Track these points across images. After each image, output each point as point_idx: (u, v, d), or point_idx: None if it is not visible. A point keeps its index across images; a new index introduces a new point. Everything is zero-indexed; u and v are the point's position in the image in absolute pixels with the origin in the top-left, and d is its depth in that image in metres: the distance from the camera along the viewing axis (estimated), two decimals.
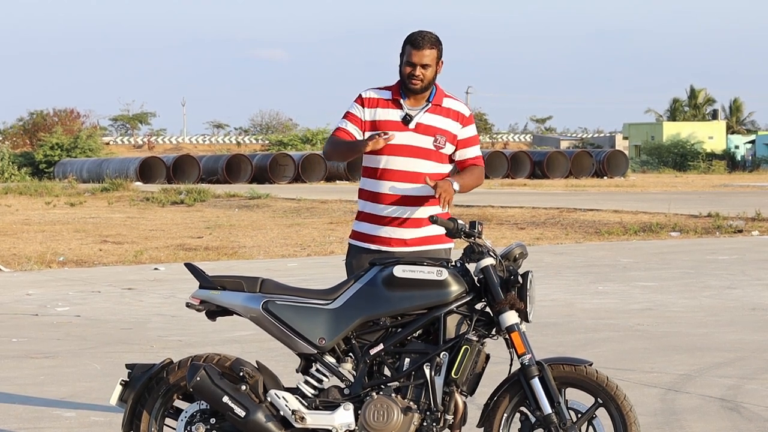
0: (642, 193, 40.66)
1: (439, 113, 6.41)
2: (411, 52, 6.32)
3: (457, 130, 6.43)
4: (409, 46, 6.34)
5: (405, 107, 6.40)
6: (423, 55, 6.31)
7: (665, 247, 20.62)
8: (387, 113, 6.41)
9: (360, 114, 6.44)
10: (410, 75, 6.33)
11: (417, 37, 6.33)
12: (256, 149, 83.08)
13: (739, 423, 7.72)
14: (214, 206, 34.57)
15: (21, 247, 21.43)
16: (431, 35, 6.36)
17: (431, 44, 6.33)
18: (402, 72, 6.38)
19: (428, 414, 5.72)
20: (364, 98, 6.45)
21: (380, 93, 6.46)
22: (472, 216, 27.69)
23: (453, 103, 6.47)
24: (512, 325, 5.72)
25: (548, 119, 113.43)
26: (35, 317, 12.75)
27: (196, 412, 5.91)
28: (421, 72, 6.32)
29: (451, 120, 6.42)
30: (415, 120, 6.37)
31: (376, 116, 6.42)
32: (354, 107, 6.46)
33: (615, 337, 11.03)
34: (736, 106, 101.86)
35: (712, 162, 74.88)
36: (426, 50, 6.31)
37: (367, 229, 6.45)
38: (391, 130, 6.34)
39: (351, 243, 6.58)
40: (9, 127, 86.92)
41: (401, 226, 6.37)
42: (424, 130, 6.37)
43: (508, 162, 58.67)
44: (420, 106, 6.41)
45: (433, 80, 6.39)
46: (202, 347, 10.41)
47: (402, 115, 6.38)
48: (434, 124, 6.39)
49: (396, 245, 6.37)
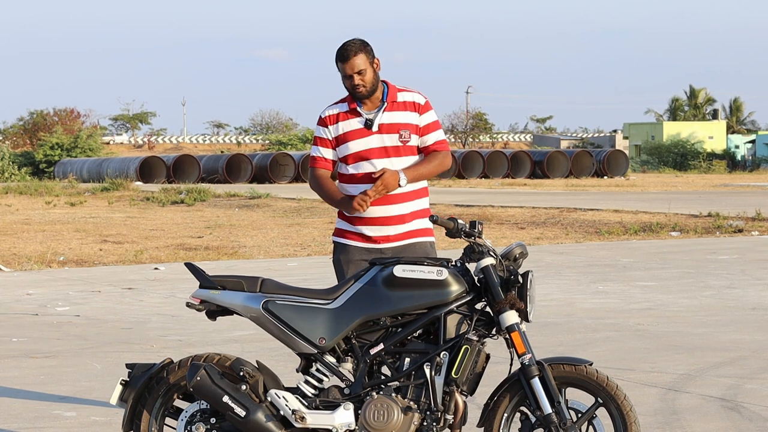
0: (642, 192, 40.65)
1: (396, 109, 6.61)
2: (342, 66, 6.56)
3: (417, 119, 6.62)
4: (338, 62, 6.59)
5: (363, 113, 6.61)
6: (354, 65, 6.52)
7: (665, 247, 20.62)
8: (349, 124, 6.62)
9: (327, 134, 6.66)
10: (352, 86, 6.55)
11: (342, 51, 6.56)
12: (256, 149, 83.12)
13: (739, 423, 7.72)
14: (215, 206, 34.57)
15: (21, 247, 21.43)
16: (354, 42, 6.58)
17: (356, 51, 6.54)
18: (345, 86, 6.61)
19: (428, 414, 5.72)
20: (324, 118, 6.68)
21: (337, 107, 6.67)
22: (472, 216, 27.69)
23: (407, 95, 6.65)
24: (512, 324, 5.72)
25: (548, 119, 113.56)
26: (35, 317, 12.75)
27: (197, 411, 5.91)
28: (360, 79, 6.53)
29: (409, 112, 6.61)
30: (376, 122, 6.58)
31: (339, 130, 6.63)
32: (320, 131, 6.70)
33: (615, 337, 11.03)
34: (736, 106, 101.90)
35: (713, 162, 74.90)
36: (354, 58, 6.52)
37: (350, 228, 6.63)
38: (356, 138, 6.58)
39: (337, 241, 6.71)
40: (9, 127, 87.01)
41: (385, 224, 6.55)
42: (388, 129, 6.58)
43: (508, 162, 58.67)
44: (377, 108, 6.61)
45: (376, 80, 6.58)
46: (202, 347, 10.42)
47: (363, 121, 6.60)
48: (395, 120, 6.59)
49: (382, 242, 6.56)
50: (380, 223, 6.55)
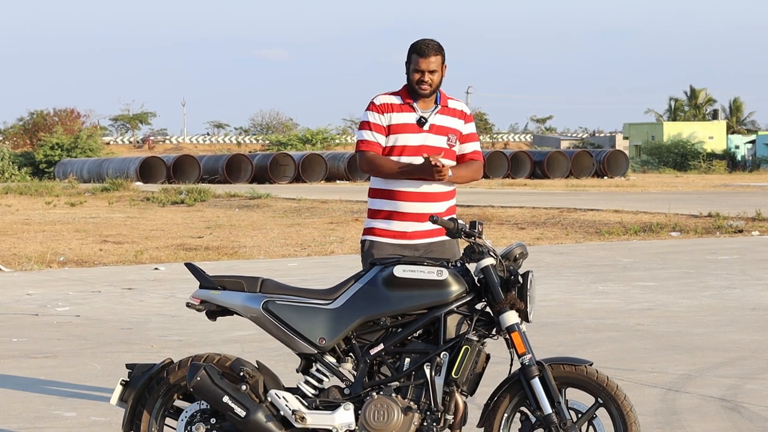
0: (642, 193, 40.65)
1: (447, 114, 6.83)
2: (418, 60, 6.72)
3: (462, 126, 6.87)
4: (415, 54, 6.75)
5: (418, 110, 6.78)
6: (429, 62, 6.71)
7: (665, 247, 20.62)
8: (402, 117, 6.78)
9: (381, 121, 6.79)
10: (419, 81, 6.72)
11: (422, 46, 6.73)
12: (256, 149, 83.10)
13: (739, 423, 7.72)
14: (215, 206, 34.57)
15: (21, 247, 21.42)
16: (434, 43, 6.76)
17: (435, 51, 6.73)
18: (411, 79, 6.77)
19: (428, 414, 5.73)
20: (378, 105, 6.81)
21: (391, 98, 6.83)
22: (472, 216, 27.69)
23: (456, 103, 6.90)
24: (512, 325, 5.72)
25: (548, 119, 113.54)
26: (35, 317, 12.75)
27: (197, 412, 5.91)
28: (429, 78, 6.72)
29: (457, 119, 6.86)
30: (429, 121, 6.78)
31: (392, 120, 6.79)
32: (372, 115, 6.81)
33: (615, 337, 11.03)
34: (736, 106, 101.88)
35: (713, 162, 74.87)
36: (432, 57, 6.71)
37: (383, 225, 6.79)
38: (407, 132, 6.76)
39: (369, 239, 6.82)
40: (9, 127, 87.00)
41: (420, 221, 6.71)
42: (438, 131, 6.79)
43: (508, 162, 58.66)
44: (430, 108, 6.81)
45: (440, 84, 6.80)
46: (202, 347, 10.41)
47: (417, 118, 6.78)
48: (446, 124, 6.82)
49: (416, 237, 6.73)
50: (417, 219, 6.72)
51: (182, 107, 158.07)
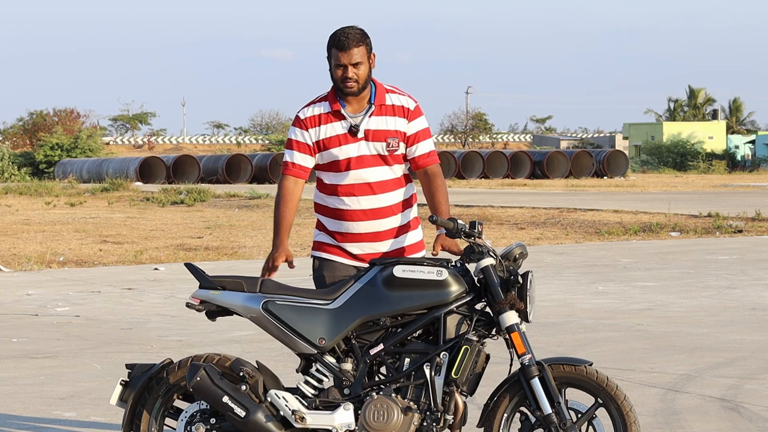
0: (642, 193, 40.64)
1: (384, 113, 5.98)
2: (338, 54, 5.85)
3: (405, 126, 5.99)
4: (334, 48, 5.87)
5: (348, 116, 5.95)
6: (351, 55, 5.85)
7: (665, 247, 20.62)
8: (331, 128, 5.95)
9: (304, 139, 5.98)
10: (344, 78, 5.87)
11: (340, 37, 5.86)
12: (256, 149, 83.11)
13: (739, 423, 7.72)
14: (214, 206, 34.56)
15: (21, 247, 21.42)
16: (355, 30, 5.89)
17: (357, 41, 5.87)
18: (333, 77, 5.92)
19: (428, 414, 5.72)
20: (303, 119, 5.99)
21: (318, 108, 5.99)
22: (472, 216, 27.69)
23: (396, 98, 6.02)
24: (512, 325, 5.71)
25: (548, 119, 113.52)
26: (35, 317, 12.75)
27: (196, 412, 5.91)
28: (354, 72, 5.87)
29: (397, 117, 5.99)
30: (361, 128, 5.94)
31: (320, 135, 5.97)
32: (297, 133, 5.99)
33: (615, 337, 11.03)
34: (736, 106, 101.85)
35: (712, 162, 74.85)
36: (354, 48, 5.85)
37: (334, 242, 6.14)
38: (341, 144, 5.94)
39: (319, 255, 6.23)
40: (9, 127, 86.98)
41: (374, 240, 6.06)
42: (374, 137, 5.96)
43: (508, 162, 58.65)
44: (363, 111, 5.97)
45: (369, 77, 5.94)
46: (202, 347, 10.41)
47: (347, 127, 5.95)
48: (382, 127, 5.96)
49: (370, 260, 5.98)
50: (369, 239, 6.05)
51: (182, 107, 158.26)
